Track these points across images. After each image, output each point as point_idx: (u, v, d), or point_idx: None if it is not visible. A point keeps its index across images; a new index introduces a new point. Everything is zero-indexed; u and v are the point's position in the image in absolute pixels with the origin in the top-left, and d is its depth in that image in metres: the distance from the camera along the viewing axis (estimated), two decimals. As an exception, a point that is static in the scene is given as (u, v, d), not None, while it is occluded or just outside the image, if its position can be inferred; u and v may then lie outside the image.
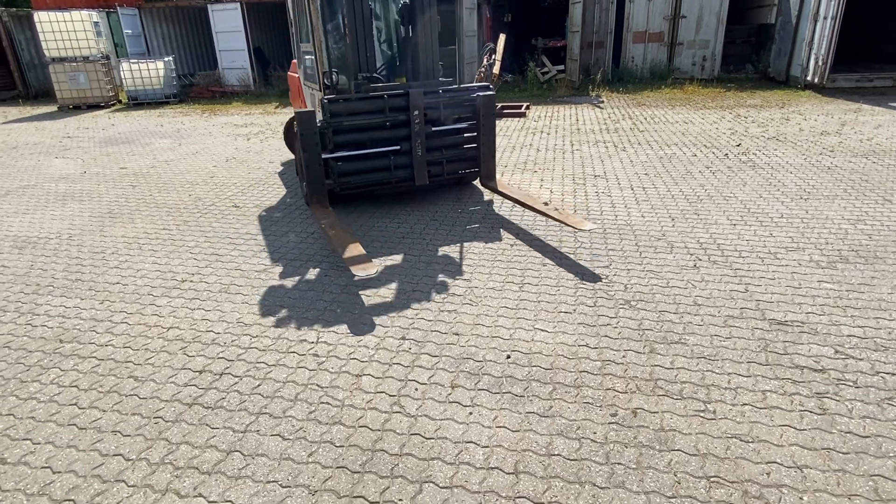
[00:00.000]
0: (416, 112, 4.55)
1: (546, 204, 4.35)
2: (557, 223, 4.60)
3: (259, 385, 2.73)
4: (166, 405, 2.61)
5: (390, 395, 2.63)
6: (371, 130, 4.65)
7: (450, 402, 2.57)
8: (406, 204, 5.44)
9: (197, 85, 15.93)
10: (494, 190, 5.01)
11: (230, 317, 3.40)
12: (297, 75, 6.47)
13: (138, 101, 14.28)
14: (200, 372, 2.86)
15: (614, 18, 14.57)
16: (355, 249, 3.54)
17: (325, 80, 4.83)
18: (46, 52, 13.62)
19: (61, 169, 7.62)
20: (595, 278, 3.77)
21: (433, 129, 4.76)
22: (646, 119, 9.75)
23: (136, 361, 2.97)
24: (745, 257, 4.00)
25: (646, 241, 4.37)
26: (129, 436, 2.42)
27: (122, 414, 2.56)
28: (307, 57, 5.47)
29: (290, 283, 3.85)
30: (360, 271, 3.27)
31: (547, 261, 4.08)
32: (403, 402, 2.58)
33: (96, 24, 13.90)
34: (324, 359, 2.93)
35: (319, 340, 3.11)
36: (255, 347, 3.06)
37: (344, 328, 3.23)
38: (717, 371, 2.73)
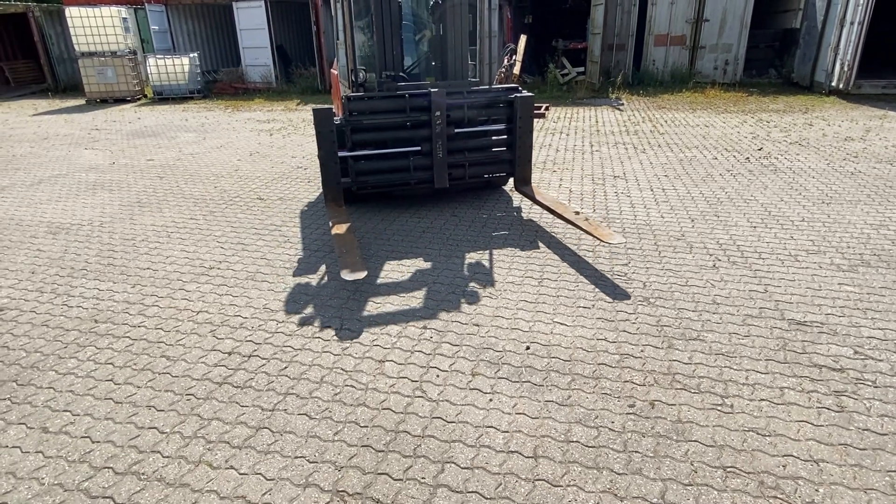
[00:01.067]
0: (438, 113, 4.55)
1: (577, 213, 4.34)
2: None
3: (286, 367, 2.82)
4: (197, 383, 2.71)
5: (412, 381, 2.70)
6: (391, 130, 4.68)
7: (470, 389, 2.64)
8: (429, 204, 5.51)
9: (220, 81, 16.20)
10: (529, 196, 4.88)
11: (257, 303, 3.50)
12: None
13: (163, 96, 14.56)
14: (229, 353, 2.96)
15: (636, 21, 14.54)
16: (352, 253, 3.57)
17: (353, 77, 4.93)
18: (76, 47, 13.95)
19: (91, 159, 7.83)
20: (614, 275, 3.81)
21: (456, 130, 4.76)
22: (666, 122, 9.73)
23: (168, 342, 3.09)
24: (764, 259, 4.01)
25: (665, 241, 4.39)
26: (162, 411, 2.52)
27: (156, 390, 2.67)
28: (341, 54, 5.60)
29: (313, 273, 3.95)
30: (348, 274, 3.29)
31: (566, 258, 4.13)
32: (425, 388, 2.65)
33: (125, 19, 14.22)
34: (347, 344, 3.02)
35: (343, 327, 3.19)
36: (282, 332, 3.16)
37: (367, 316, 3.32)
38: (734, 367, 2.76)
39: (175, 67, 14.43)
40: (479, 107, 4.82)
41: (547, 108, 11.42)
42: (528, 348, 2.96)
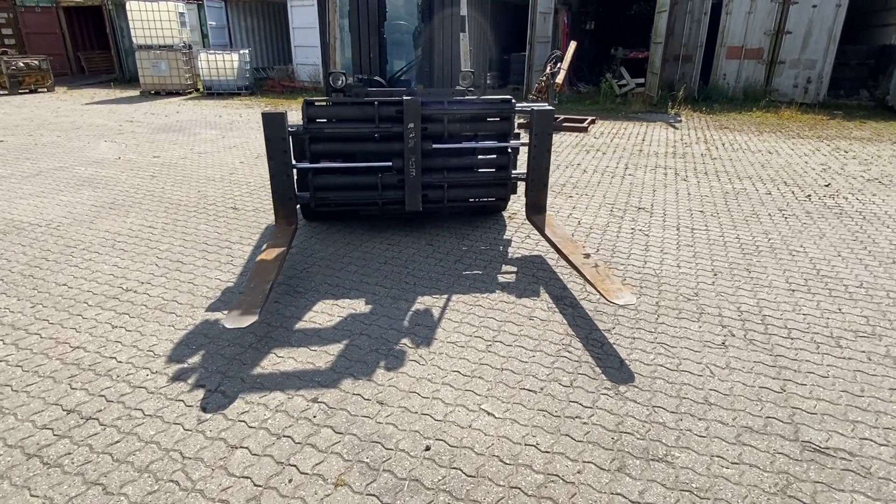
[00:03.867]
0: (412, 125, 3.81)
1: (587, 256, 3.48)
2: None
3: (117, 442, 2.26)
4: (5, 452, 2.20)
5: (255, 485, 2.06)
6: (357, 141, 4.03)
7: (323, 508, 1.96)
8: (408, 228, 4.87)
9: (271, 78, 16.26)
10: (538, 227, 4.05)
11: (144, 343, 2.98)
12: None
13: (212, 91, 14.73)
14: (69, 412, 2.43)
15: (706, 31, 13.23)
16: (257, 291, 2.94)
17: (329, 81, 4.36)
18: (134, 39, 14.37)
19: (102, 153, 7.75)
20: (587, 345, 3.00)
21: (434, 146, 4.01)
22: (724, 145, 8.57)
23: (15, 387, 2.61)
24: (794, 339, 3.07)
25: (670, 301, 3.51)
26: (-61, 490, 2.02)
27: (-46, 456, 2.18)
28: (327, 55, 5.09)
29: (227, 310, 3.40)
30: (231, 320, 2.68)
31: (536, 314, 3.35)
32: (265, 500, 2.00)
33: (181, 14, 14.49)
34: (208, 417, 2.42)
35: (217, 389, 2.60)
36: (144, 388, 2.60)
37: (256, 375, 2.71)
38: (701, 520, 1.93)
39: (225, 63, 14.55)
40: (464, 119, 4.06)
41: (592, 122, 10.47)
42: (427, 449, 2.25)
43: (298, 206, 4.83)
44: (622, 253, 4.32)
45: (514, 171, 4.24)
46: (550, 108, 4.02)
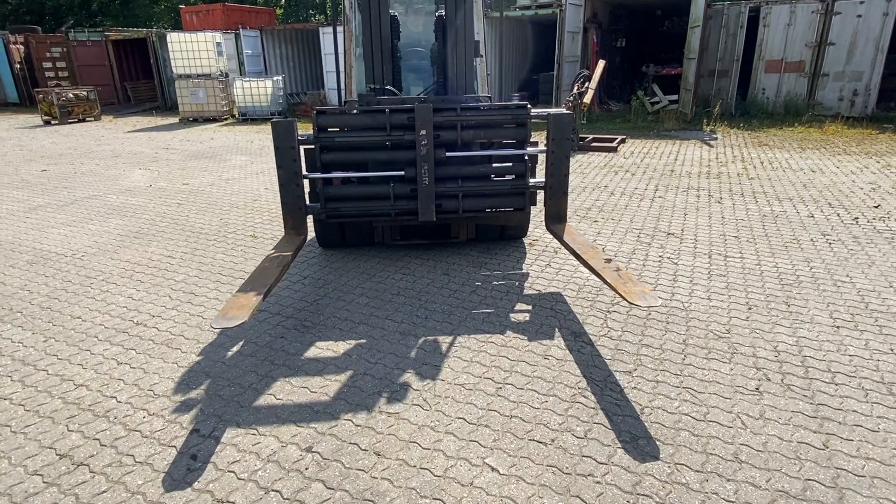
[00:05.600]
0: (423, 132, 3.66)
1: (608, 261, 3.28)
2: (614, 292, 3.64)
3: (103, 492, 2.18)
4: (-8, 502, 2.15)
5: (236, 546, 1.94)
6: (368, 150, 3.92)
7: (305, 577, 1.82)
8: (424, 256, 4.75)
9: (304, 103, 16.60)
10: (557, 236, 3.89)
11: (145, 382, 2.92)
12: None
13: (246, 117, 15.12)
14: (62, 456, 2.38)
15: (743, 44, 12.82)
16: (251, 294, 2.81)
17: (345, 93, 4.30)
18: (174, 69, 14.92)
19: (135, 181, 7.96)
20: (604, 390, 2.79)
21: (447, 154, 3.84)
22: (762, 163, 8.18)
23: (14, 427, 2.58)
24: (839, 386, 2.78)
25: (699, 339, 3.26)
26: (-79, 542, 1.97)
27: (-58, 505, 2.14)
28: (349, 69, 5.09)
29: (238, 341, 3.33)
30: (219, 320, 2.56)
31: (551, 352, 3.16)
32: (244, 563, 1.87)
33: (218, 44, 15.00)
34: (198, 466, 2.32)
35: (212, 434, 2.51)
36: (139, 432, 2.53)
37: (252, 418, 2.61)
38: None
39: (259, 90, 14.94)
40: (478, 126, 3.90)
41: (622, 141, 10.21)
42: (422, 509, 2.08)
43: (315, 235, 4.80)
44: (648, 283, 4.08)
45: (532, 180, 4.06)
46: (568, 111, 3.88)
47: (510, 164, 4.03)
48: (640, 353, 3.13)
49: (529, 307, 3.73)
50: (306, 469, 2.28)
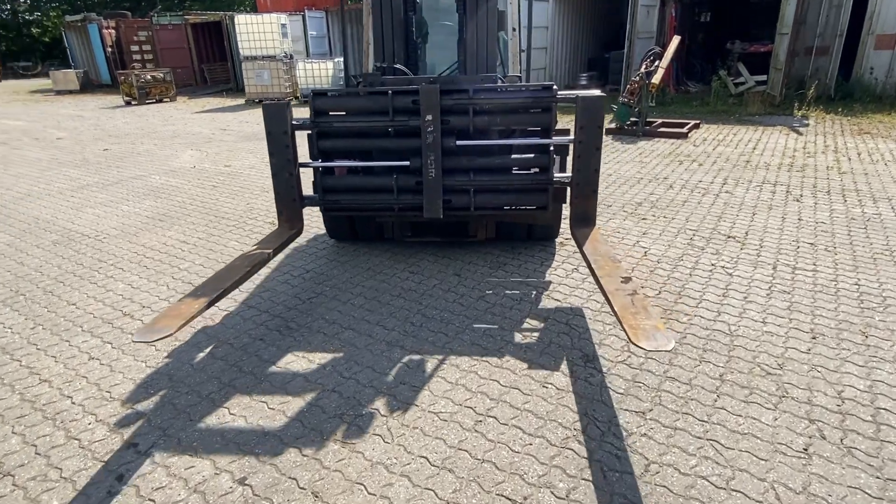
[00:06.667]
0: (429, 117, 3.20)
1: (626, 280, 2.67)
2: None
3: (13, 513, 1.99)
4: None
5: None
6: (371, 137, 3.51)
7: None
8: (439, 254, 4.35)
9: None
10: (578, 242, 3.27)
11: (107, 382, 2.75)
12: None
13: (308, 98, 15.19)
14: (-7, 464, 2.23)
15: (848, 17, 11.20)
16: (194, 301, 2.49)
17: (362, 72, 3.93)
18: (241, 51, 15.24)
19: (182, 162, 8.08)
20: (605, 435, 2.29)
21: (457, 142, 3.36)
22: (859, 154, 7.04)
23: (-37, 425, 2.48)
24: (921, 456, 2.12)
25: (740, 375, 2.66)
26: None
27: None
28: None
29: (216, 340, 3.10)
30: (141, 332, 2.23)
31: (551, 380, 2.68)
32: None
33: (283, 26, 15.12)
34: (119, 489, 2.08)
35: (148, 451, 2.27)
36: (78, 440, 2.34)
37: (196, 434, 2.35)
38: None
39: (320, 71, 14.95)
40: (494, 111, 3.38)
41: (695, 127, 9.22)
42: (343, 577, 1.72)
43: (328, 226, 4.50)
44: (690, 298, 3.46)
45: (558, 175, 3.50)
46: (601, 94, 3.26)
47: (531, 155, 3.48)
48: (661, 389, 2.59)
49: (540, 323, 3.24)
50: (230, 507, 1.99)
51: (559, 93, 3.31)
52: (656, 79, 8.93)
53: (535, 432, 2.33)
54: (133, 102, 16.22)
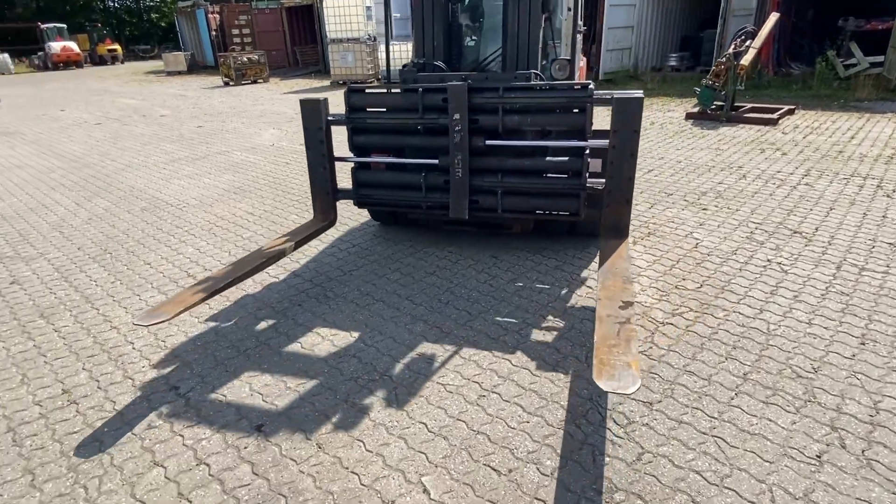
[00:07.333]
0: (457, 116, 3.20)
1: (625, 306, 2.47)
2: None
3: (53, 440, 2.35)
4: (-4, 423, 2.44)
5: (141, 515, 1.94)
6: (401, 134, 3.59)
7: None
8: (485, 237, 4.40)
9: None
10: (603, 258, 3.07)
11: (163, 333, 3.10)
12: None
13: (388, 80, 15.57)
14: (64, 391, 2.62)
15: None
16: (197, 291, 2.72)
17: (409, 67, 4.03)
18: (327, 34, 15.84)
19: (263, 140, 8.63)
20: (602, 420, 2.29)
21: (487, 142, 3.35)
22: (979, 147, 6.19)
23: (47, 358, 2.91)
24: (952, 477, 1.94)
25: (767, 375, 2.53)
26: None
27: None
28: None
29: (251, 308, 3.39)
30: (144, 316, 2.50)
31: (560, 368, 2.69)
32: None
33: (368, 8, 15.52)
34: (159, 424, 2.38)
35: (184, 395, 2.56)
36: (132, 380, 2.69)
37: (224, 387, 2.62)
38: None
39: (401, 53, 15.21)
40: (525, 110, 3.31)
41: (788, 112, 8.50)
42: (327, 520, 1.89)
43: (371, 211, 4.61)
44: (734, 293, 3.29)
45: (592, 180, 3.32)
46: (639, 95, 3.04)
47: (565, 158, 3.31)
48: (676, 382, 2.53)
49: (567, 307, 3.23)
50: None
51: (595, 93, 3.14)
52: (745, 60, 8.29)
53: (535, 412, 2.37)
54: (230, 83, 17.40)
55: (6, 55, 27.74)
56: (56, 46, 28.72)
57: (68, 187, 6.24)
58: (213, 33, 23.82)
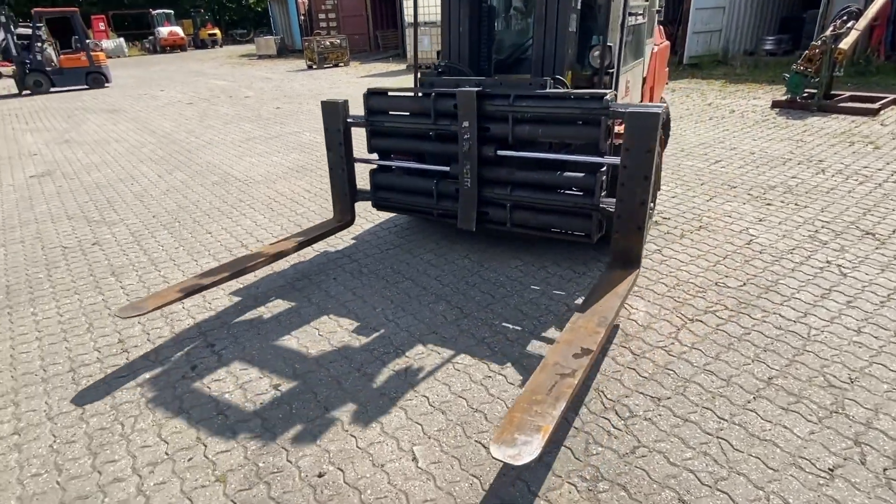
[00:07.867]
0: (466, 123, 3.09)
1: (581, 354, 2.21)
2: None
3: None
4: None
5: (162, 453, 2.18)
6: (417, 139, 3.51)
7: None
8: (510, 238, 4.38)
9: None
10: (601, 291, 2.74)
11: (210, 295, 3.38)
12: None
13: (463, 64, 15.56)
14: (124, 349, 2.94)
15: None
16: (185, 287, 2.89)
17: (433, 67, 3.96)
18: (406, 18, 16.06)
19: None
20: (612, 407, 2.27)
21: (498, 152, 3.17)
22: None
23: (111, 310, 3.27)
24: (984, 508, 1.76)
25: (795, 381, 2.38)
26: None
27: None
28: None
29: (293, 278, 3.60)
30: (126, 308, 2.73)
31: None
32: (157, 470, 2.10)
33: (446, -8, 15.53)
34: (192, 375, 2.63)
35: (218, 352, 2.80)
36: (177, 336, 2.97)
37: (254, 348, 2.83)
38: None
39: (476, 36, 15.14)
40: (535, 120, 3.08)
41: (893, 102, 7.65)
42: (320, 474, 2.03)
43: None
44: (779, 294, 3.09)
45: (606, 200, 2.99)
46: (657, 110, 2.67)
47: (579, 174, 3.06)
48: (691, 380, 2.44)
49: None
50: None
51: (612, 105, 2.79)
52: (845, 44, 7.54)
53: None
54: (313, 67, 18.13)
55: (122, 39, 30.43)
56: (164, 31, 31.15)
57: (155, 161, 6.85)
58: (302, 18, 24.82)
